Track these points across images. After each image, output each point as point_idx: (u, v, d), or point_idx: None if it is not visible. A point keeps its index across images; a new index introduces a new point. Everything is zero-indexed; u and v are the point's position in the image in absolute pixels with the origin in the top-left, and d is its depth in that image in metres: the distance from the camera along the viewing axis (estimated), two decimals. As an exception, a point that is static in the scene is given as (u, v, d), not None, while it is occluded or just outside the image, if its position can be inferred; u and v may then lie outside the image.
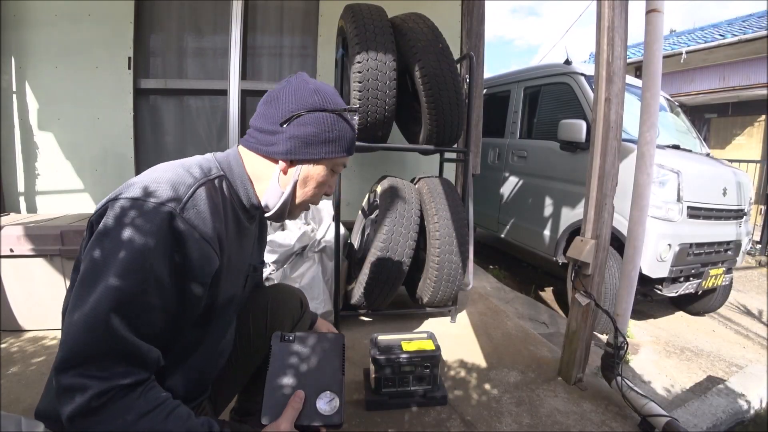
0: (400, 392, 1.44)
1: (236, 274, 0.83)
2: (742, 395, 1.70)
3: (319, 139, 0.77)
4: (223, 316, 0.82)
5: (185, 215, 0.62)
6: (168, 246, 0.60)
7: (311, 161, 0.79)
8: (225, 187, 0.76)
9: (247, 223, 0.83)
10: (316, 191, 0.82)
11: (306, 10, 2.85)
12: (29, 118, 2.57)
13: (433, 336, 1.51)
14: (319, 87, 0.79)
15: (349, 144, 0.82)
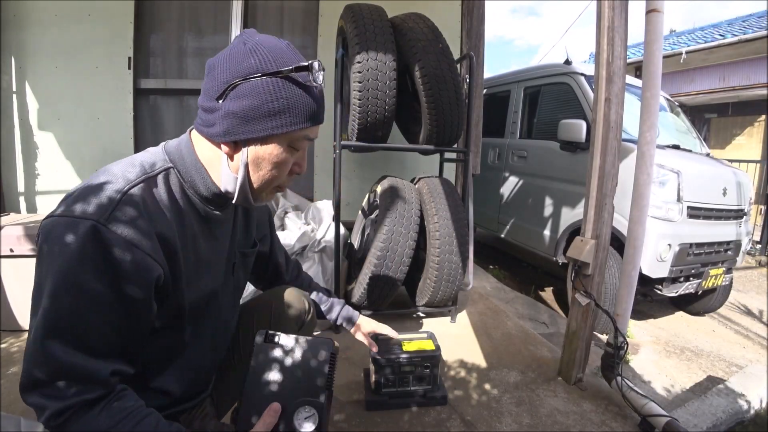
0: (400, 392, 1.43)
1: (210, 268, 0.78)
2: (742, 395, 1.70)
3: (260, 113, 0.64)
4: (208, 313, 0.79)
5: (111, 225, 0.57)
6: (96, 260, 0.56)
7: (256, 140, 0.67)
8: (174, 181, 0.69)
9: (217, 212, 0.75)
10: (276, 173, 0.70)
11: (306, 10, 2.85)
12: (29, 118, 2.57)
13: (433, 336, 1.50)
14: (259, 45, 0.65)
15: (307, 111, 0.67)
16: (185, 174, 0.70)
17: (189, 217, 0.70)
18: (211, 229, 0.76)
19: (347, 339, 1.94)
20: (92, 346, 0.57)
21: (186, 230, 0.70)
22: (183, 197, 0.69)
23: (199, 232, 0.73)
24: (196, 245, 0.72)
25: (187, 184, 0.70)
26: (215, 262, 0.79)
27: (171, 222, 0.66)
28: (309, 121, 0.68)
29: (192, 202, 0.71)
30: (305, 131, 0.69)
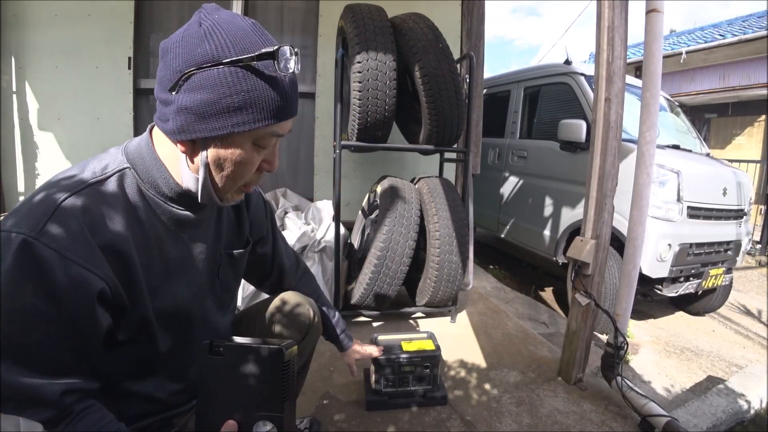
0: (400, 392, 1.43)
1: (185, 272, 0.72)
2: (742, 395, 1.70)
3: (217, 109, 0.57)
4: (191, 318, 0.75)
5: (43, 239, 0.52)
6: (30, 276, 0.51)
7: (215, 139, 0.60)
8: (130, 183, 0.63)
9: (187, 212, 0.69)
10: (241, 172, 0.64)
11: (306, 10, 2.85)
12: (29, 118, 2.57)
13: (433, 336, 1.51)
14: (216, 26, 0.57)
15: (272, 107, 0.59)
16: (144, 174, 0.64)
17: (151, 221, 0.65)
18: (183, 231, 0.71)
19: (347, 339, 1.94)
20: (37, 365, 0.53)
21: (146, 235, 0.64)
22: (141, 200, 0.64)
23: (165, 235, 0.68)
24: (163, 250, 0.67)
25: (146, 185, 0.64)
26: (191, 265, 0.74)
27: (124, 229, 0.60)
28: (275, 117, 0.60)
29: (153, 205, 0.65)
30: (272, 128, 0.61)
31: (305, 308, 0.96)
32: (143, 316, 0.64)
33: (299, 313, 0.95)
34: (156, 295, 0.66)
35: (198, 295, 0.76)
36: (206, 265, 0.77)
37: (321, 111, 2.80)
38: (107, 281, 0.57)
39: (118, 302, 0.60)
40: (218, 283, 0.82)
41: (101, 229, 0.58)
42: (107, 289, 0.57)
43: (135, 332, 0.64)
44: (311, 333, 0.98)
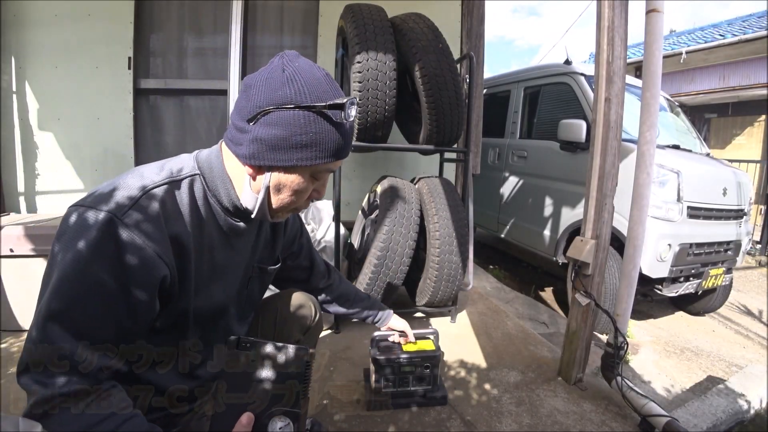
0: (401, 392, 1.43)
1: (224, 278, 0.78)
2: (742, 395, 1.70)
3: (287, 144, 0.65)
4: (215, 323, 0.80)
5: (126, 220, 0.59)
6: (107, 253, 0.57)
7: (280, 168, 0.68)
8: (198, 188, 0.71)
9: (240, 223, 0.76)
10: (295, 199, 0.72)
11: (306, 10, 2.85)
12: (29, 118, 2.57)
13: (437, 334, 1.49)
14: (297, 74, 0.66)
15: (333, 147, 0.68)
16: (211, 183, 0.72)
17: (209, 226, 0.72)
18: (231, 240, 0.77)
19: (347, 339, 1.94)
20: (89, 335, 0.57)
21: (204, 238, 0.71)
22: (205, 205, 0.71)
23: (217, 241, 0.74)
24: (213, 254, 0.74)
25: (210, 193, 0.72)
26: (230, 272, 0.80)
27: (189, 227, 0.67)
28: (333, 156, 0.69)
29: (214, 211, 0.73)
30: (329, 165, 0.70)
31: (307, 306, 1.00)
32: (184, 309, 0.70)
33: (301, 309, 0.99)
34: (199, 294, 0.72)
35: (227, 301, 0.81)
36: (240, 276, 0.84)
37: (321, 111, 2.80)
38: (170, 269, 0.63)
39: (171, 290, 0.66)
40: (245, 293, 0.87)
41: (172, 222, 0.65)
42: (169, 276, 0.63)
43: (172, 322, 0.70)
44: (312, 329, 1.02)
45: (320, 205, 2.36)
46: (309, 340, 1.02)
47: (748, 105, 6.64)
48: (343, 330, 2.03)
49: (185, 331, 0.73)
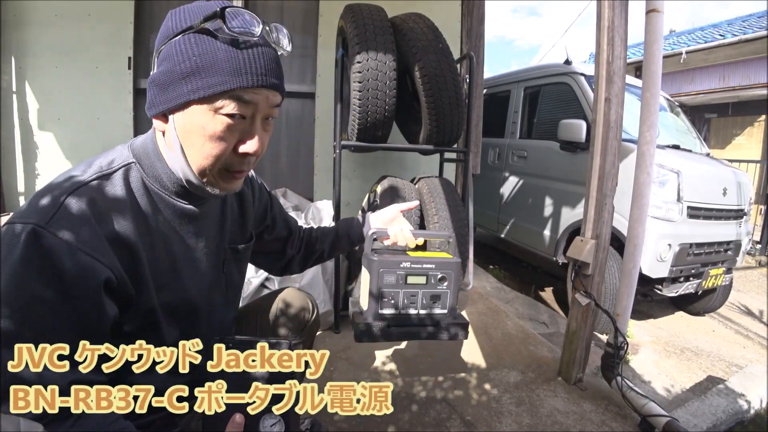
0: (404, 317, 1.00)
1: (192, 268, 0.73)
2: (742, 395, 1.70)
3: (174, 77, 0.58)
4: (197, 314, 0.75)
5: (51, 228, 0.54)
6: (38, 265, 0.53)
7: (177, 109, 0.60)
8: (135, 177, 0.64)
9: (188, 206, 0.69)
10: (211, 147, 0.61)
11: (306, 10, 2.85)
12: (29, 118, 2.57)
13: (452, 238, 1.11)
14: (179, 8, 0.62)
15: (226, 69, 0.57)
16: (149, 169, 0.65)
17: (157, 215, 0.66)
18: (188, 226, 0.71)
19: (347, 339, 1.94)
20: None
21: (153, 230, 0.65)
22: (146, 194, 0.65)
23: (172, 231, 0.69)
24: (170, 245, 0.68)
25: (151, 179, 0.66)
26: (197, 260, 0.74)
27: (130, 222, 0.61)
28: (229, 82, 0.57)
29: (159, 198, 0.66)
30: (234, 93, 0.58)
31: (305, 305, 1.00)
32: (149, 308, 0.65)
33: (299, 307, 0.98)
34: (162, 289, 0.67)
35: (203, 290, 0.76)
36: (211, 261, 0.78)
37: (321, 111, 2.80)
38: (113, 270, 0.58)
39: (124, 292, 0.61)
40: (223, 278, 0.82)
41: (107, 221, 0.59)
42: (113, 277, 0.58)
43: (141, 324, 0.65)
44: (309, 327, 1.01)
45: (320, 205, 2.36)
46: (306, 339, 1.01)
47: (748, 105, 6.64)
48: (343, 330, 2.03)
49: (158, 330, 0.68)
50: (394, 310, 0.99)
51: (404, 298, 0.99)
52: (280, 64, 0.64)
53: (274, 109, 0.65)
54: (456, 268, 1.02)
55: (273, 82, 0.62)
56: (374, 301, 0.96)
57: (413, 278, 0.99)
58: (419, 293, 1.00)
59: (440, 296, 1.03)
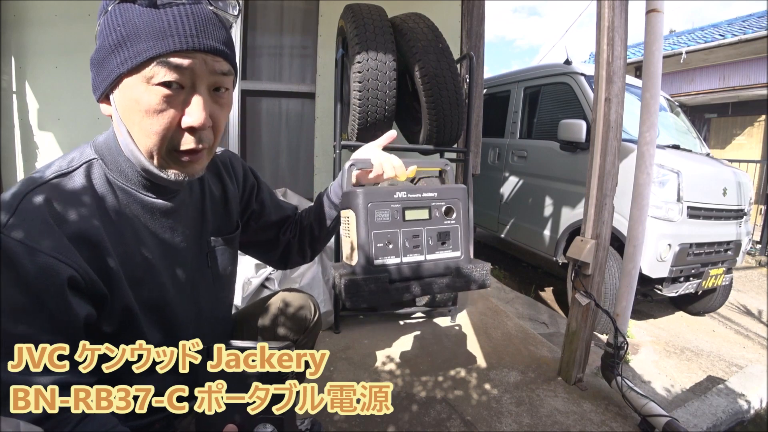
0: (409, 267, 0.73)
1: (170, 263, 0.70)
2: (742, 395, 1.70)
3: (104, 53, 0.57)
4: (182, 311, 0.72)
5: (7, 231, 0.53)
6: (3, 269, 0.52)
7: (113, 88, 0.58)
8: (97, 174, 0.62)
9: (160, 201, 0.66)
10: (151, 123, 0.57)
11: (306, 10, 2.85)
12: (29, 118, 2.57)
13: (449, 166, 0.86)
14: None
15: (150, 34, 0.54)
16: (113, 164, 0.63)
17: (123, 212, 0.63)
18: (163, 221, 0.68)
19: (347, 339, 1.94)
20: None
21: (120, 226, 0.63)
22: (110, 191, 0.62)
23: (143, 226, 0.66)
24: (141, 241, 0.65)
25: (116, 174, 0.63)
26: (175, 255, 0.71)
27: (93, 219, 0.59)
28: (156, 46, 0.53)
29: (126, 193, 0.64)
30: (163, 59, 0.54)
31: (306, 306, 0.98)
32: (125, 306, 0.63)
33: (300, 308, 0.96)
34: (139, 286, 0.65)
35: (186, 285, 0.73)
36: (193, 255, 0.75)
37: (321, 111, 2.80)
38: (76, 268, 0.56)
39: (95, 290, 0.58)
40: (209, 272, 0.79)
41: (67, 220, 0.57)
42: (77, 276, 0.56)
43: (120, 323, 0.63)
44: (312, 328, 0.99)
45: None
46: (308, 341, 1.00)
47: (748, 105, 6.64)
48: (343, 330, 2.03)
49: (139, 329, 0.65)
50: (394, 258, 0.72)
51: (405, 240, 0.73)
52: (220, 26, 0.60)
53: (221, 77, 0.60)
54: (463, 195, 0.78)
55: (208, 44, 0.57)
56: (365, 250, 0.69)
57: (413, 213, 0.73)
58: (423, 232, 0.74)
59: (449, 234, 0.76)
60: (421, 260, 0.73)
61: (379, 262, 0.71)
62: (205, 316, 0.79)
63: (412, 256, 0.73)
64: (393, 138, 0.87)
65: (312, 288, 1.95)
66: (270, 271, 1.96)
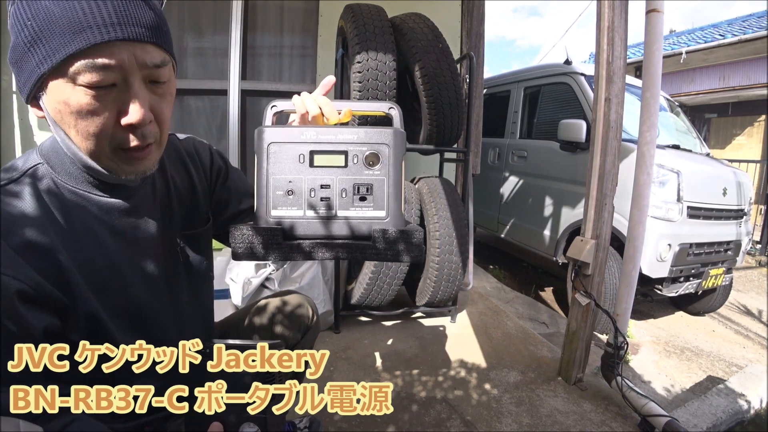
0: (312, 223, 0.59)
1: (135, 265, 0.66)
2: (742, 395, 1.70)
3: (20, 52, 0.50)
4: (156, 314, 0.69)
5: None
6: None
7: (39, 89, 0.53)
8: (44, 179, 0.58)
9: (111, 200, 0.62)
10: (88, 124, 0.53)
11: (306, 10, 2.85)
12: (29, 118, 2.57)
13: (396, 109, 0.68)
14: None
15: (67, 28, 0.47)
16: (60, 166, 0.59)
17: (77, 215, 0.60)
18: (124, 220, 0.64)
19: (347, 339, 1.94)
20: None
21: (75, 231, 0.59)
22: (59, 194, 0.59)
23: (102, 228, 0.62)
24: (100, 244, 0.62)
25: (65, 177, 0.59)
26: (141, 255, 0.67)
27: (43, 227, 0.55)
28: (73, 41, 0.47)
29: (78, 196, 0.60)
30: (84, 54, 0.48)
31: (305, 307, 0.97)
32: (89, 313, 0.59)
33: (298, 311, 0.95)
34: (104, 293, 0.62)
35: (155, 286, 0.70)
36: (162, 253, 0.71)
37: (321, 111, 2.80)
38: (25, 280, 0.52)
39: (52, 300, 0.55)
40: (182, 269, 0.76)
41: (12, 231, 0.53)
42: (27, 288, 0.52)
43: (86, 331, 0.60)
44: (311, 331, 0.98)
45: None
46: (307, 341, 0.99)
47: (748, 105, 6.64)
48: (343, 330, 2.03)
49: (108, 335, 0.62)
50: (294, 210, 0.59)
51: (310, 189, 0.59)
52: (146, 8, 0.53)
53: (155, 70, 0.55)
54: (396, 141, 0.60)
55: (134, 31, 0.51)
56: (263, 198, 0.59)
57: (324, 158, 0.59)
58: (335, 181, 0.59)
59: (371, 188, 0.59)
60: (330, 215, 0.59)
61: (277, 212, 0.59)
62: (187, 313, 0.77)
63: (319, 210, 0.59)
64: (332, 83, 0.77)
65: (312, 288, 1.96)
66: (270, 270, 1.96)
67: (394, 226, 0.59)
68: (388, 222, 0.59)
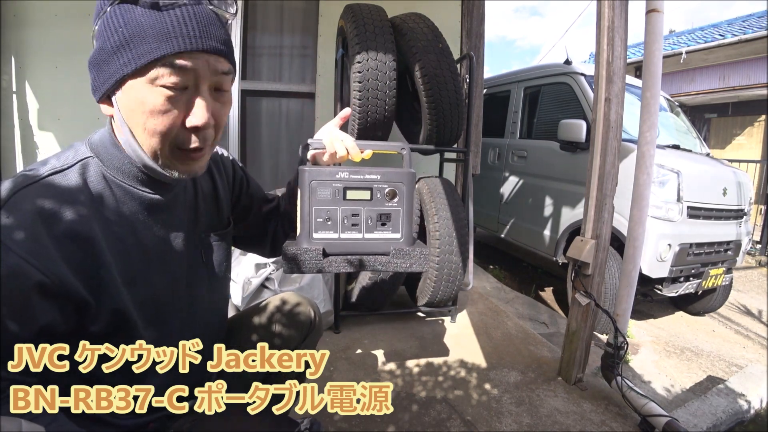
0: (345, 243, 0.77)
1: (164, 260, 0.69)
2: (742, 395, 1.70)
3: (105, 55, 0.57)
4: (175, 311, 0.72)
5: None
6: None
7: (116, 89, 0.58)
8: (93, 172, 0.61)
9: (157, 196, 0.66)
10: (154, 122, 0.58)
11: (306, 10, 2.85)
12: (29, 118, 2.57)
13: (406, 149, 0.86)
14: None
15: (154, 36, 0.54)
16: (109, 161, 0.63)
17: (121, 208, 0.63)
18: (157, 216, 0.68)
19: (347, 339, 1.94)
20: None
21: (118, 223, 0.62)
22: (107, 188, 0.62)
23: (139, 222, 0.65)
24: (138, 237, 0.65)
25: (113, 171, 0.63)
26: (169, 251, 0.71)
27: (87, 217, 0.58)
28: (160, 47, 0.54)
29: (123, 190, 0.63)
30: (167, 60, 0.55)
31: (306, 308, 0.96)
32: (116, 307, 0.61)
33: (300, 312, 0.95)
34: (134, 285, 0.64)
35: (178, 282, 0.72)
36: (186, 251, 0.74)
37: (321, 111, 2.80)
38: (48, 274, 0.53)
39: (69, 296, 0.56)
40: (204, 270, 0.78)
41: (57, 219, 0.55)
42: (47, 281, 0.53)
43: (109, 324, 0.61)
44: (312, 334, 0.97)
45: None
46: (309, 343, 0.97)
47: (748, 105, 6.65)
48: (343, 330, 2.03)
49: (133, 329, 0.64)
50: (331, 234, 0.77)
51: (344, 218, 0.77)
52: (220, 26, 0.61)
53: (222, 77, 0.61)
54: (408, 179, 0.78)
55: (211, 45, 0.58)
56: (306, 223, 0.75)
57: (354, 193, 0.78)
58: (362, 211, 0.78)
59: (390, 216, 0.79)
60: (358, 238, 0.77)
61: (318, 235, 0.76)
62: (201, 312, 0.78)
63: (350, 233, 0.77)
64: (347, 116, 0.89)
65: (312, 288, 1.96)
66: (270, 270, 1.96)
67: (407, 244, 0.78)
68: (402, 242, 0.78)
